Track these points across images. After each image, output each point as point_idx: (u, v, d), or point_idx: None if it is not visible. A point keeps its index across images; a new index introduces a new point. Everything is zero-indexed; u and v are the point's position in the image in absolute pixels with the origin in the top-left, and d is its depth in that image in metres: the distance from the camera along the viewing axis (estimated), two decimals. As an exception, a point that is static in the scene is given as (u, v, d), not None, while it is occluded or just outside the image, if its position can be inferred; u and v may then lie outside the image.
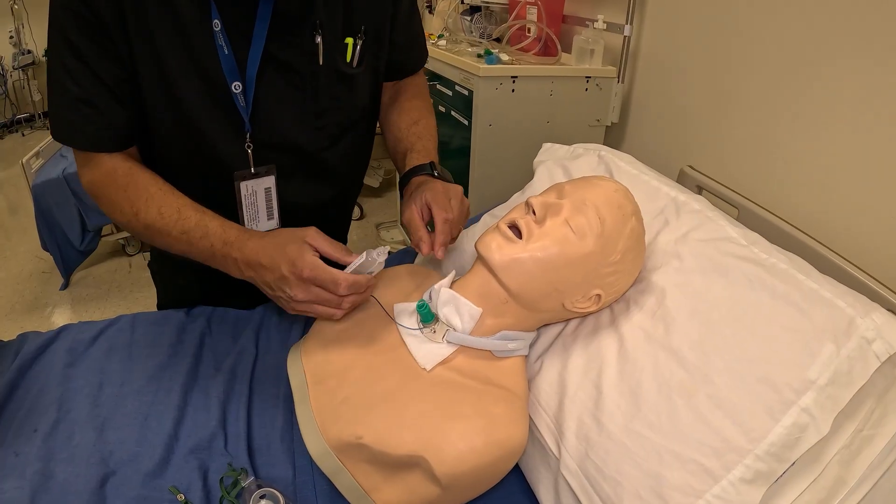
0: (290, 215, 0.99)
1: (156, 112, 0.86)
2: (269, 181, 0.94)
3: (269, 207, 0.97)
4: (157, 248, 1.14)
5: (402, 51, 1.07)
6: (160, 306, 1.23)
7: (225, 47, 0.81)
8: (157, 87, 0.83)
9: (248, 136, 0.89)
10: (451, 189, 0.92)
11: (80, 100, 0.81)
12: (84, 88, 0.81)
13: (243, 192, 0.93)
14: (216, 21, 0.80)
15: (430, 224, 0.89)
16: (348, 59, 0.93)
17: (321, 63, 0.89)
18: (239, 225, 0.84)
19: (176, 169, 0.91)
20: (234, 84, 0.84)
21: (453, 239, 0.91)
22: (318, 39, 0.88)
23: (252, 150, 0.90)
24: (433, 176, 0.97)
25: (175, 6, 0.78)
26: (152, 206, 0.83)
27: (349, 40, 0.92)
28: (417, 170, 0.98)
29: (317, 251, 0.78)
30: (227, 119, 0.87)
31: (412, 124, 1.07)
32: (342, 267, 0.80)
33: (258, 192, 0.94)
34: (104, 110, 0.82)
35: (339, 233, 1.25)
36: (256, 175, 0.92)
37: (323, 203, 1.06)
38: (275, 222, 0.98)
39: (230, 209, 0.92)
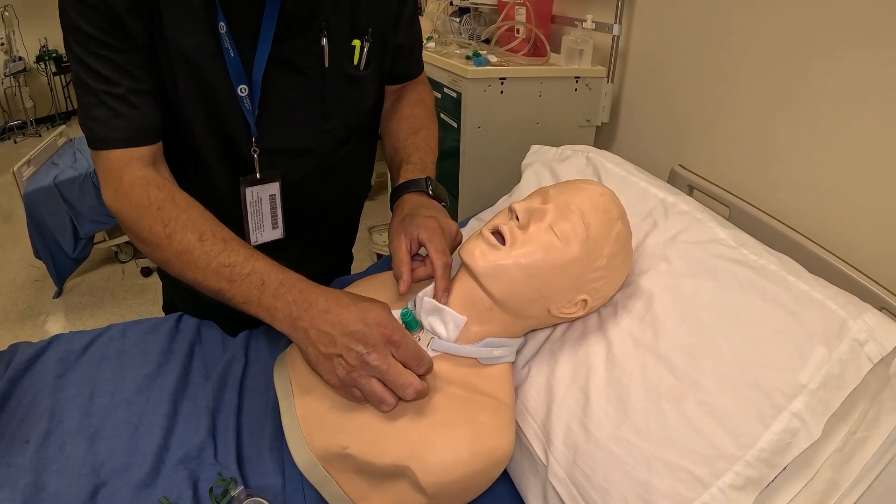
0: (297, 221, 0.98)
1: (165, 114, 0.83)
2: (274, 188, 0.92)
3: (273, 215, 0.94)
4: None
5: (405, 55, 1.06)
6: (166, 306, 1.22)
7: (231, 50, 0.80)
8: (169, 90, 0.81)
9: (253, 140, 0.87)
10: (447, 226, 0.86)
11: (107, 95, 0.76)
12: (108, 82, 0.76)
13: (248, 198, 0.90)
14: (221, 24, 0.78)
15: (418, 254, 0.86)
16: (355, 62, 0.92)
17: (327, 65, 0.88)
18: (298, 274, 0.74)
19: (188, 172, 0.89)
20: (240, 87, 0.82)
21: None
22: (324, 41, 0.86)
23: (258, 155, 0.88)
24: (427, 194, 0.92)
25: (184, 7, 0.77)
26: (192, 230, 0.73)
27: (356, 42, 0.91)
28: (411, 185, 0.93)
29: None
30: (233, 123, 0.85)
31: (411, 134, 1.03)
32: None
33: (263, 199, 0.92)
34: (132, 102, 0.78)
35: (346, 239, 1.25)
36: (262, 181, 0.90)
37: (328, 207, 1.04)
38: (279, 232, 0.96)
39: (235, 218, 0.89)
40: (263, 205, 0.92)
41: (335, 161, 0.98)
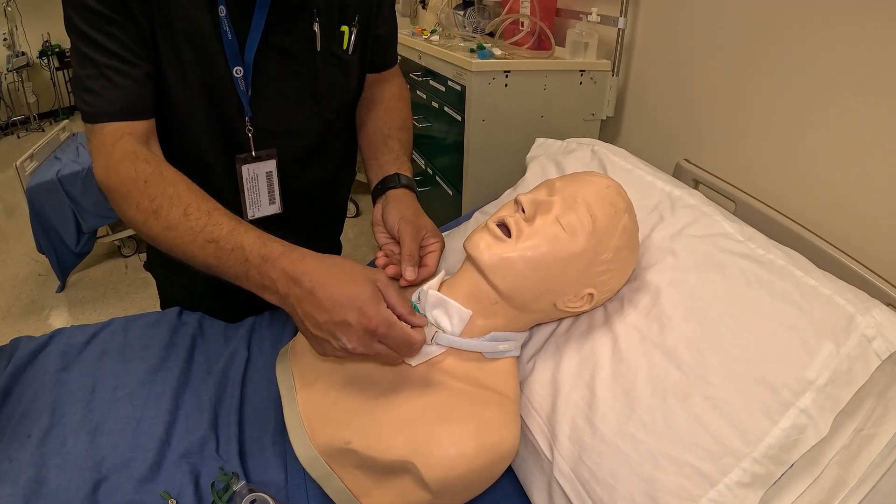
0: (290, 201, 1.02)
1: (164, 95, 0.86)
2: (271, 165, 0.96)
3: (270, 191, 0.99)
4: (153, 249, 1.12)
5: (384, 45, 1.11)
6: (164, 304, 1.23)
7: (229, 32, 0.83)
8: (168, 69, 0.84)
9: (248, 119, 0.91)
10: (437, 241, 0.91)
11: (106, 67, 0.78)
12: (107, 54, 0.78)
13: (245, 175, 0.94)
14: (221, 7, 0.82)
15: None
16: (345, 47, 0.97)
17: (319, 49, 0.92)
18: (284, 241, 0.72)
19: (179, 152, 0.90)
20: (235, 69, 0.86)
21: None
22: (316, 27, 0.91)
23: (253, 135, 0.92)
24: (416, 196, 0.98)
25: None
26: (177, 204, 0.73)
27: (344, 28, 0.95)
28: (407, 182, 0.98)
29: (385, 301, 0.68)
30: (229, 103, 0.89)
31: (400, 129, 1.08)
32: None
33: (259, 176, 0.96)
34: (129, 75, 0.79)
35: (336, 223, 1.29)
36: (258, 158, 0.94)
37: (320, 188, 1.09)
38: (276, 207, 1.00)
39: (232, 195, 0.95)
40: (260, 181, 0.97)
41: (325, 143, 1.03)
